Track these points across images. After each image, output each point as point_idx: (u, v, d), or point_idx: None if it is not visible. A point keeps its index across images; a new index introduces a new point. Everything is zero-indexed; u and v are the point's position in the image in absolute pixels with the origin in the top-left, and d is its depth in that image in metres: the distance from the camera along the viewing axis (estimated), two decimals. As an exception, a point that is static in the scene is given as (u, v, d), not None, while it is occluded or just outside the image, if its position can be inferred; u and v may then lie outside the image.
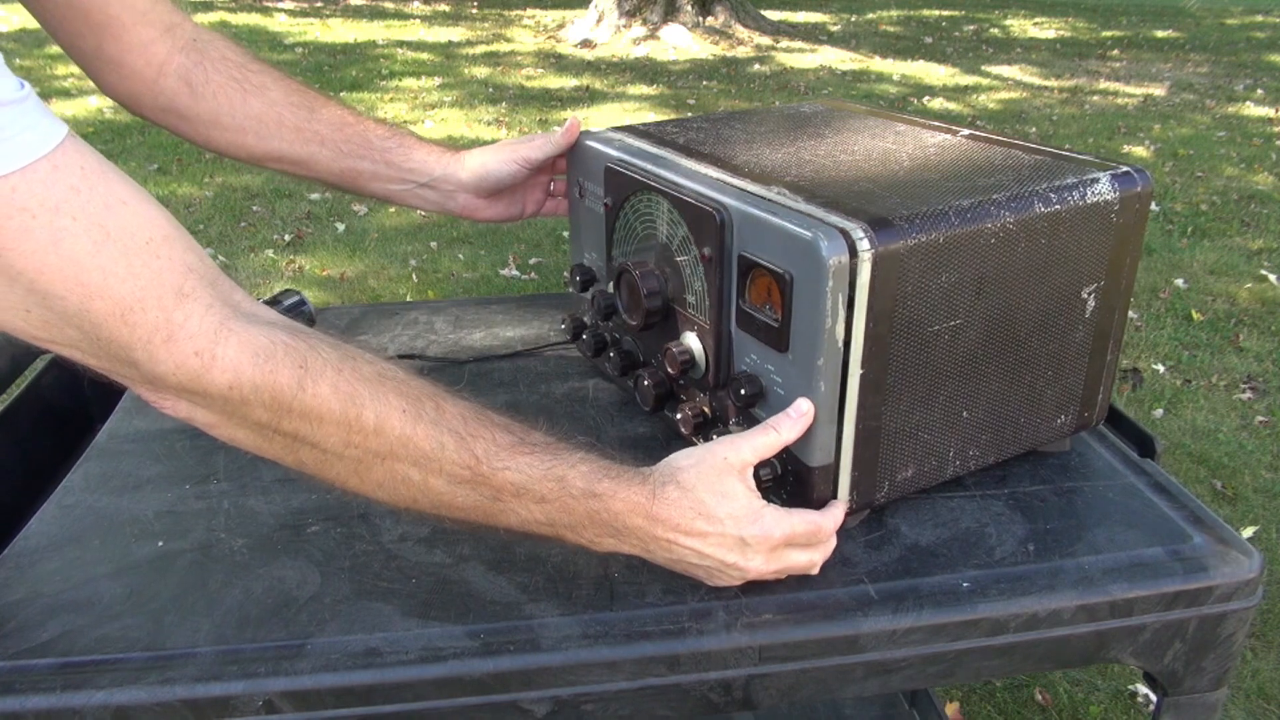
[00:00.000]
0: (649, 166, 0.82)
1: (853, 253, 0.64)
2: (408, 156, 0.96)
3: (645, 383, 0.84)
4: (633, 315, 0.83)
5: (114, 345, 0.54)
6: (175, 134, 0.93)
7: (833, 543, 0.70)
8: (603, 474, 0.63)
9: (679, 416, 0.81)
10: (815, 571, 0.69)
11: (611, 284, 0.87)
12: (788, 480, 0.72)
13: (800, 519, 0.67)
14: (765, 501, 0.66)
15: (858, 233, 0.64)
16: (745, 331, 0.73)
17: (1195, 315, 2.93)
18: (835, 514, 0.69)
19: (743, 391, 0.72)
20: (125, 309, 0.53)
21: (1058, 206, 0.72)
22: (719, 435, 0.74)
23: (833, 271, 0.63)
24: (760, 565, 0.66)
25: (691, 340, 0.79)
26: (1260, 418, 2.41)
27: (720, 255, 0.73)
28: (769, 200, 0.70)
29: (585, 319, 0.97)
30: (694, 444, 0.71)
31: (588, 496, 0.62)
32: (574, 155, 0.94)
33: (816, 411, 0.68)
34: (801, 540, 0.67)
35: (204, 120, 0.91)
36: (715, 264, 0.73)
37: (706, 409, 0.79)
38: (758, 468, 0.69)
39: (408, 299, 2.98)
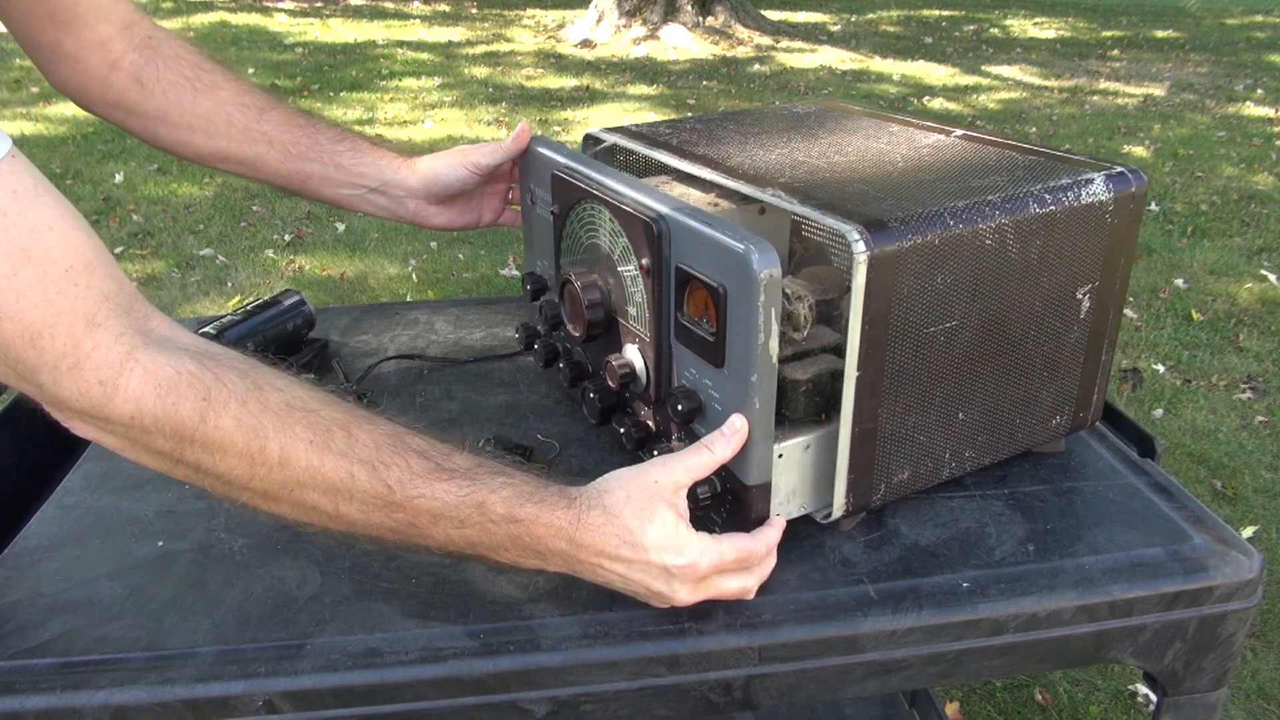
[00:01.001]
0: (593, 174, 0.80)
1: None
2: (358, 160, 0.95)
3: (591, 395, 0.82)
4: (575, 326, 0.82)
5: (20, 365, 0.55)
6: (124, 130, 0.93)
7: (770, 563, 0.69)
8: (525, 498, 0.62)
9: (622, 431, 0.79)
10: (750, 597, 0.68)
11: (557, 293, 0.85)
12: (726, 498, 0.71)
13: (730, 546, 0.65)
14: (693, 530, 0.65)
15: (854, 235, 0.64)
16: (684, 345, 0.71)
17: (1195, 315, 2.93)
18: (768, 536, 0.68)
19: (680, 407, 0.70)
20: (34, 333, 0.54)
21: (1052, 207, 0.72)
22: (661, 451, 0.73)
23: (764, 285, 0.62)
24: (686, 596, 0.65)
25: (633, 353, 0.77)
26: (1260, 418, 2.41)
27: (658, 266, 0.71)
28: (704, 211, 0.68)
29: (539, 328, 0.95)
30: (640, 458, 0.70)
31: (508, 521, 0.61)
32: (525, 161, 0.93)
33: (752, 429, 0.66)
34: (731, 567, 0.65)
35: (151, 116, 0.91)
36: (654, 275, 0.72)
37: (651, 423, 0.78)
38: (695, 486, 0.68)
39: (408, 299, 2.98)
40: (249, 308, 1.02)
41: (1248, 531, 1.97)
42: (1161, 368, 2.65)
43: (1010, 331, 0.74)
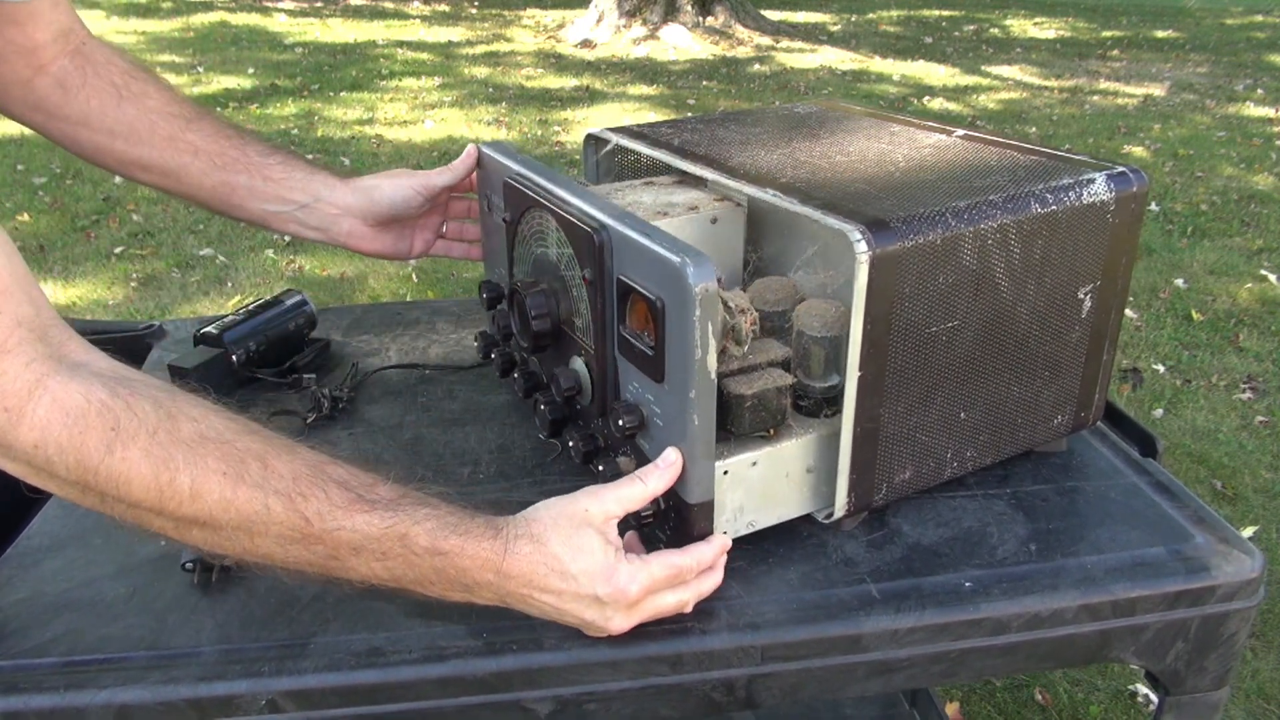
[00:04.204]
0: (541, 181, 0.78)
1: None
2: (289, 174, 0.92)
3: (542, 407, 0.80)
4: (523, 337, 0.80)
5: None
6: (44, 135, 0.91)
7: (711, 579, 0.67)
8: (449, 530, 0.60)
9: (570, 445, 0.77)
10: (688, 610, 0.66)
11: (508, 303, 0.83)
12: (670, 516, 0.69)
13: (659, 565, 0.64)
14: (623, 557, 0.63)
15: (855, 234, 0.64)
16: (627, 359, 0.69)
17: (1195, 315, 2.93)
18: (700, 553, 0.66)
19: (621, 422, 0.69)
20: None
21: (1054, 207, 0.72)
22: (607, 465, 0.71)
23: (699, 299, 0.59)
24: (621, 622, 0.63)
25: (579, 366, 0.76)
26: (1260, 418, 2.41)
27: (600, 278, 0.69)
28: (645, 222, 0.66)
29: (496, 338, 0.93)
30: (594, 471, 0.70)
31: (432, 554, 0.60)
32: (481, 168, 0.92)
33: (692, 446, 0.64)
34: (664, 586, 0.64)
35: (72, 120, 0.90)
36: (596, 287, 0.70)
37: (600, 437, 0.76)
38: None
39: (408, 299, 2.98)
40: (251, 307, 1.02)
41: (1248, 531, 1.97)
42: (1161, 368, 2.65)
43: (1012, 331, 0.74)
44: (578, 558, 0.61)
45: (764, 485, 0.71)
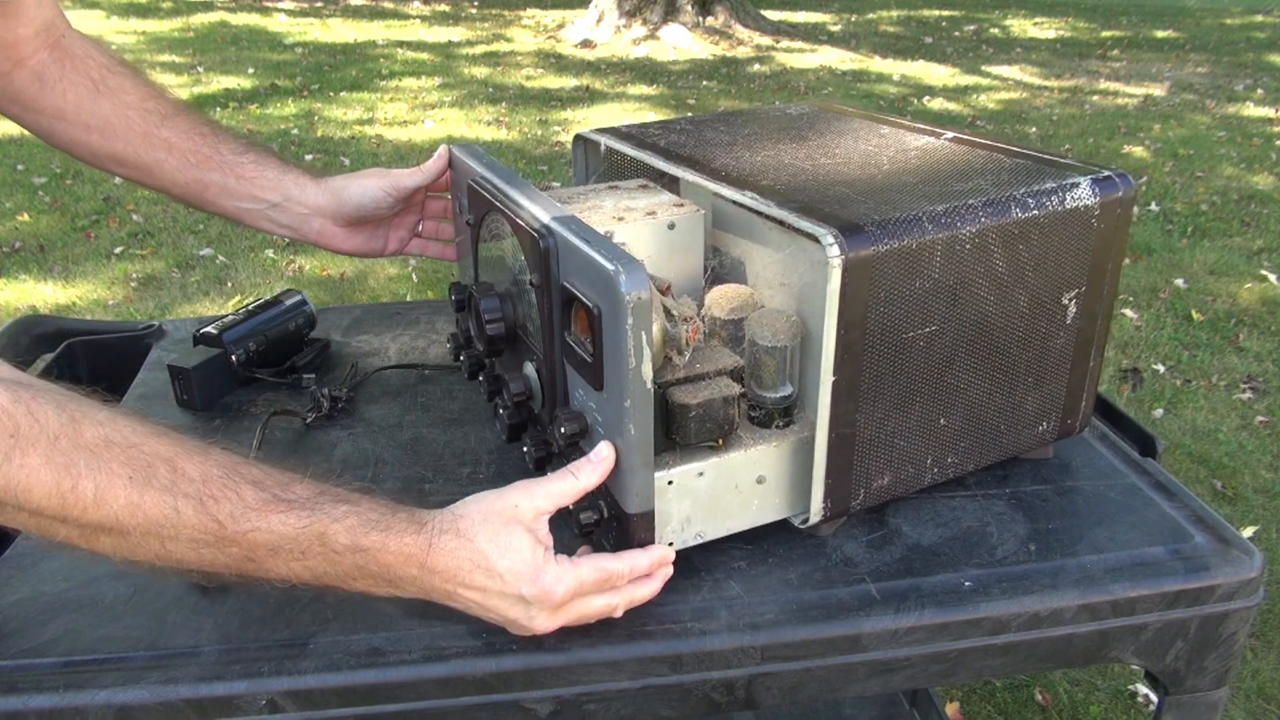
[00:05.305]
0: (499, 184, 0.77)
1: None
2: (261, 173, 0.93)
3: (500, 412, 0.79)
4: (479, 340, 0.79)
5: None
6: (21, 126, 0.92)
7: (646, 587, 0.67)
8: (370, 527, 0.59)
9: (525, 450, 0.75)
10: (618, 615, 0.66)
11: (467, 305, 0.83)
12: (612, 525, 0.68)
13: (589, 569, 0.63)
14: (551, 557, 0.63)
15: (828, 238, 0.64)
16: (572, 366, 0.69)
17: (1195, 315, 2.93)
18: (634, 560, 0.65)
19: (563, 430, 0.67)
20: None
21: (1035, 211, 0.71)
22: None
23: (632, 307, 0.58)
24: (545, 623, 0.63)
25: (530, 371, 0.75)
26: (1260, 418, 2.41)
27: (547, 283, 0.68)
28: (589, 227, 0.66)
29: (463, 340, 0.92)
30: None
31: (353, 551, 0.59)
32: (453, 169, 0.92)
33: (629, 457, 0.63)
34: (591, 590, 0.64)
35: (48, 113, 0.90)
36: (544, 292, 0.69)
37: (552, 443, 0.74)
38: (578, 511, 0.67)
39: (408, 299, 2.98)
40: (250, 307, 1.02)
41: (1248, 531, 1.97)
42: (1161, 368, 2.65)
43: (993, 337, 0.74)
44: (505, 555, 0.61)
45: (712, 496, 0.70)
